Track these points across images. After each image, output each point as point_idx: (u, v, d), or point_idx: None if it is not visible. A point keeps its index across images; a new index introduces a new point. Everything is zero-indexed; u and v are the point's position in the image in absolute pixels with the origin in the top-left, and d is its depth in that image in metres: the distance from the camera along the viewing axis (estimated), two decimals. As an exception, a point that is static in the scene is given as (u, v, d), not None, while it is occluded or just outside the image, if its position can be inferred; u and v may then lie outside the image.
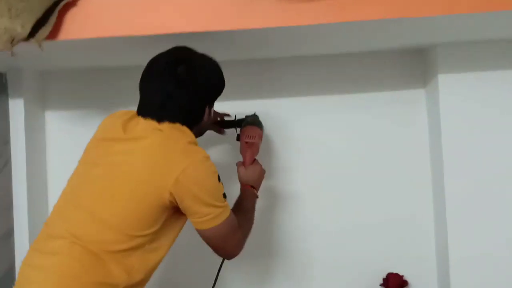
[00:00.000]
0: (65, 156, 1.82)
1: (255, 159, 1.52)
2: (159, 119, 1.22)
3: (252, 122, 1.57)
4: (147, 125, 1.22)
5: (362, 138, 1.79)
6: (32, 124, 1.79)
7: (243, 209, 1.39)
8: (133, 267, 1.18)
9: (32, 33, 1.21)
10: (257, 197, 1.48)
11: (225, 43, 1.43)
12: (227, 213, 1.24)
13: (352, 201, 1.79)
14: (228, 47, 1.49)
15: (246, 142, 1.52)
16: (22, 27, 1.19)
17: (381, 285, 1.74)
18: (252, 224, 1.41)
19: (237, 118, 1.64)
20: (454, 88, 1.63)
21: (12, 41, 1.20)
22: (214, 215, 1.21)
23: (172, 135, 1.21)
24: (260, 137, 1.57)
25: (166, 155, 1.18)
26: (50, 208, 1.83)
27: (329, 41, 1.54)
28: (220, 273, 1.51)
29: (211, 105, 1.34)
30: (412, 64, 1.77)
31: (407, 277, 1.73)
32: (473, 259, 1.61)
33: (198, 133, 1.32)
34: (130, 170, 1.18)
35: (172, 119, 1.22)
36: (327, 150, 1.80)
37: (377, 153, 1.79)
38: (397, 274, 1.73)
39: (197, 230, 1.24)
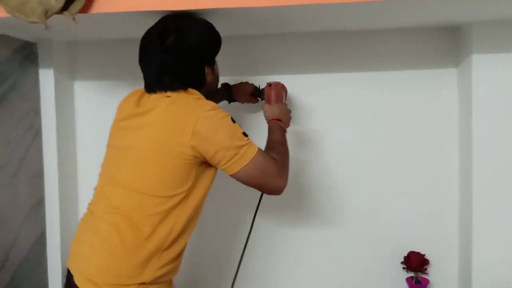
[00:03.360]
0: (94, 125, 1.87)
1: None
2: (163, 91, 1.26)
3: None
4: (156, 96, 1.26)
5: (391, 115, 1.79)
6: (62, 94, 1.81)
7: (274, 143, 1.37)
8: (174, 224, 1.24)
9: (66, 6, 1.21)
10: (285, 131, 1.45)
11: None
12: (254, 149, 1.23)
13: (379, 178, 1.80)
14: (258, 22, 1.48)
15: (270, 85, 1.56)
16: (56, 0, 1.19)
17: (402, 263, 1.76)
18: (289, 155, 1.36)
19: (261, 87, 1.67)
20: (488, 69, 1.59)
21: (46, 14, 1.21)
22: (241, 155, 1.21)
23: (179, 97, 1.25)
24: (283, 87, 1.59)
25: (177, 114, 1.21)
26: (79, 177, 1.89)
27: (364, 17, 1.50)
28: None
29: (210, 64, 1.34)
30: (445, 42, 1.73)
31: (428, 256, 1.75)
32: (496, 240, 1.61)
33: (207, 94, 1.32)
34: (149, 138, 1.22)
35: (174, 89, 1.26)
36: (358, 127, 1.80)
37: (406, 131, 1.78)
38: (418, 253, 1.74)
39: (233, 176, 1.24)
